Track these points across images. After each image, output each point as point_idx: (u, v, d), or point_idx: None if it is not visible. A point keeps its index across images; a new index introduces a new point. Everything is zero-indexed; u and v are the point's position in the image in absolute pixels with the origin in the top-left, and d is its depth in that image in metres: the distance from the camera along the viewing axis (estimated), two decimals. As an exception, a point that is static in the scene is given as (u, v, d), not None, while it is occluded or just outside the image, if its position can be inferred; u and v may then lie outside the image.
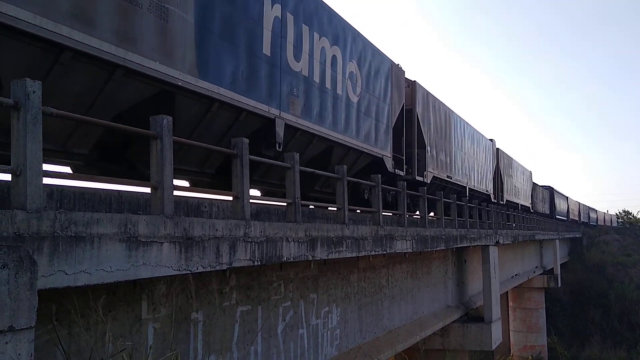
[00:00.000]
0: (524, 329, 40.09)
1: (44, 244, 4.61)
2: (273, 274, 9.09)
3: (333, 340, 11.15)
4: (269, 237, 7.78)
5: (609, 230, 75.17)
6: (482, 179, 29.26)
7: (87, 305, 5.52)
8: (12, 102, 4.67)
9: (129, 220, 5.48)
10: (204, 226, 6.54)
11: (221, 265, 6.79)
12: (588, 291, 47.61)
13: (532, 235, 35.74)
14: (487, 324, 20.05)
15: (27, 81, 4.71)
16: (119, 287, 6.03)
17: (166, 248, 5.91)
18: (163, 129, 6.14)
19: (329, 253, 9.50)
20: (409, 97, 18.54)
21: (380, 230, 11.77)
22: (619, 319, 44.98)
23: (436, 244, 15.72)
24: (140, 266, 5.56)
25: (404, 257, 14.89)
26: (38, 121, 4.76)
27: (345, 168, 11.13)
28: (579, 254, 57.69)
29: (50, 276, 4.64)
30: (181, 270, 6.13)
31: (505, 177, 35.32)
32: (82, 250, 4.92)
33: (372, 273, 13.27)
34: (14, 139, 4.72)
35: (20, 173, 4.65)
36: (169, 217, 6.04)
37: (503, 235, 24.86)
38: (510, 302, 40.81)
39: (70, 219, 4.86)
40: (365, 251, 10.98)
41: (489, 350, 20.39)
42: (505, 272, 28.22)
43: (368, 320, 12.95)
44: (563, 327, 43.91)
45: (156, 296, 6.67)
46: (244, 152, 7.59)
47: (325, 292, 10.93)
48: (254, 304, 8.58)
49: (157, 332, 6.65)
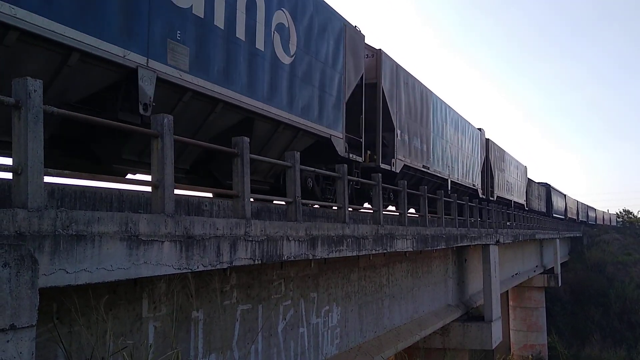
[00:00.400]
0: (524, 328, 40.08)
1: (45, 242, 4.62)
2: (273, 272, 9.09)
3: (333, 339, 11.16)
4: (270, 235, 7.78)
5: (610, 230, 75.15)
6: (468, 171, 26.52)
7: (88, 304, 5.53)
8: (13, 101, 4.68)
9: (130, 219, 5.49)
10: (204, 225, 6.55)
11: (222, 264, 6.79)
12: (588, 290, 47.60)
13: (532, 234, 35.71)
14: (487, 323, 20.05)
15: (28, 80, 4.71)
16: (119, 285, 6.04)
17: (167, 247, 5.92)
18: (164, 127, 6.14)
19: (330, 252, 9.50)
20: (372, 68, 15.87)
21: (380, 229, 11.77)
22: (619, 318, 44.98)
23: (437, 243, 15.72)
24: (141, 265, 5.57)
25: (405, 256, 14.89)
26: (39, 120, 4.76)
27: (345, 167, 11.04)
28: (580, 253, 57.67)
29: (51, 275, 4.65)
30: (182, 269, 6.13)
31: (496, 171, 32.66)
32: (83, 249, 4.93)
33: (373, 272, 13.28)
34: (15, 137, 4.72)
35: (22, 172, 4.66)
36: (170, 216, 6.05)
37: (503, 234, 24.85)
38: (510, 301, 40.81)
39: (71, 218, 4.87)
40: (366, 250, 10.98)
41: (489, 349, 20.40)
42: (505, 271, 28.20)
43: (368, 319, 12.96)
44: (563, 326, 43.89)
45: (157, 295, 6.67)
46: (245, 151, 7.59)
47: (325, 291, 10.94)
48: (254, 303, 8.59)
49: (157, 331, 6.66)
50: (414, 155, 18.69)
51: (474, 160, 27.82)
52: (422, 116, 19.85)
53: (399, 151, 17.11)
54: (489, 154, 31.12)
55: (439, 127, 21.85)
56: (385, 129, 16.28)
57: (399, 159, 17.11)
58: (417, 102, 19.23)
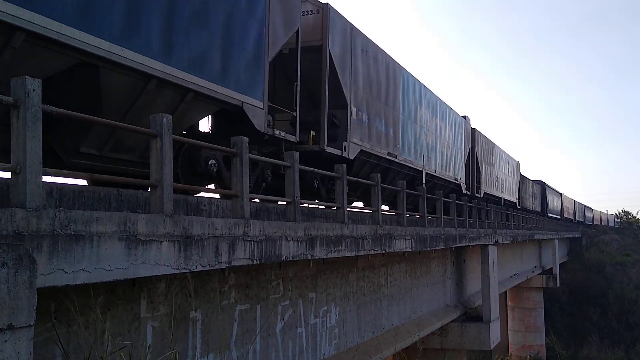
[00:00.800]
0: (523, 329, 40.12)
1: (43, 242, 4.61)
2: (272, 272, 9.09)
3: (332, 339, 11.16)
4: (268, 236, 7.78)
5: (608, 230, 75.17)
6: (449, 163, 23.44)
7: (86, 304, 5.53)
8: (12, 101, 4.67)
9: (128, 219, 5.48)
10: (203, 225, 6.54)
11: (220, 264, 6.79)
12: (587, 291, 47.66)
13: (531, 234, 35.71)
14: (485, 324, 20.05)
15: (27, 79, 4.71)
16: (118, 285, 6.03)
17: (165, 247, 5.91)
18: (163, 127, 6.13)
19: (328, 252, 9.50)
20: (315, 26, 12.81)
21: (379, 230, 11.77)
22: (617, 318, 45.04)
23: (435, 243, 15.72)
24: (140, 265, 5.57)
25: (403, 257, 14.89)
26: (38, 119, 4.76)
27: (345, 167, 11.00)
28: (578, 253, 57.70)
29: (49, 274, 4.65)
30: (180, 269, 6.13)
31: (484, 165, 29.60)
32: (81, 248, 4.92)
33: (371, 272, 13.28)
34: (13, 137, 4.72)
35: (20, 171, 4.65)
36: (169, 216, 6.04)
37: (502, 234, 24.85)
38: (509, 302, 40.84)
39: (69, 218, 4.86)
40: (364, 250, 10.98)
41: (488, 349, 20.42)
42: (504, 271, 28.20)
43: (367, 319, 12.96)
44: (561, 326, 43.91)
45: (155, 295, 6.67)
46: (244, 151, 7.59)
47: (324, 291, 10.93)
48: (252, 303, 8.59)
49: (155, 331, 6.65)
50: (375, 140, 15.45)
51: (457, 151, 24.60)
52: (389, 94, 16.50)
53: (354, 133, 13.91)
54: (475, 146, 28.08)
55: (411, 109, 18.45)
56: (334, 105, 13.18)
57: (353, 142, 13.95)
58: (380, 76, 15.90)
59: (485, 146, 30.64)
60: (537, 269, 40.42)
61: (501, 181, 34.63)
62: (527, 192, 45.21)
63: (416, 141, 19.04)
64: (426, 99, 20.23)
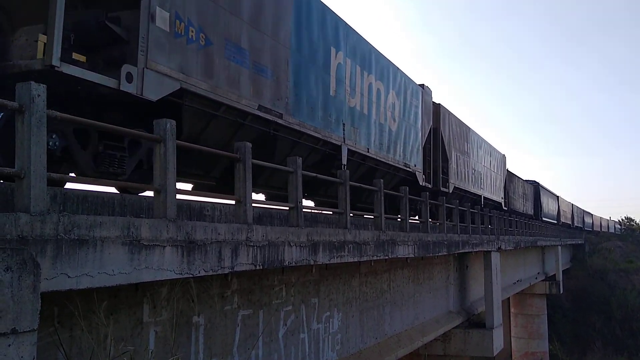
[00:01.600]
0: (526, 336, 39.99)
1: (47, 246, 4.63)
2: (275, 278, 9.09)
3: (334, 345, 11.14)
4: (271, 241, 7.78)
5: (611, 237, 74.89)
6: (395, 143, 17.16)
7: (89, 308, 5.53)
8: (17, 106, 4.70)
9: (132, 224, 5.49)
10: (206, 230, 6.55)
11: (223, 269, 6.80)
12: (590, 298, 47.56)
13: (534, 241, 35.66)
14: (488, 330, 20.02)
15: (32, 84, 4.73)
16: (121, 290, 6.04)
17: (168, 252, 5.92)
18: (167, 132, 6.16)
19: (331, 258, 9.50)
20: None
21: (382, 235, 11.76)
22: (620, 325, 44.91)
23: (438, 249, 15.71)
24: (143, 270, 5.58)
25: (406, 262, 14.88)
26: (42, 124, 4.78)
27: (347, 173, 11.04)
28: (581, 260, 57.57)
29: (53, 279, 4.66)
30: (183, 274, 6.14)
31: (454, 152, 23.28)
32: (84, 253, 4.93)
33: (374, 278, 13.27)
34: (18, 142, 4.74)
35: (24, 176, 4.67)
36: (172, 221, 6.05)
37: (505, 241, 24.81)
38: (512, 308, 40.73)
39: (73, 222, 4.88)
40: (367, 256, 10.98)
41: (490, 356, 20.34)
42: (507, 278, 28.13)
43: (369, 325, 12.93)
44: (565, 333, 43.80)
45: (158, 300, 6.67)
46: (247, 157, 7.61)
47: (326, 297, 10.93)
48: (255, 308, 8.58)
49: (158, 336, 6.65)
50: (224, 79, 9.08)
51: (409, 128, 18.36)
52: (263, 14, 10.38)
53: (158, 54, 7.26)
54: (440, 126, 21.78)
55: (317, 50, 12.68)
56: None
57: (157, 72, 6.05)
58: None
59: (457, 129, 23.96)
60: (540, 276, 40.33)
61: (480, 175, 27.97)
62: (516, 191, 39.11)
63: (328, 100, 12.93)
64: (349, 44, 14.03)
